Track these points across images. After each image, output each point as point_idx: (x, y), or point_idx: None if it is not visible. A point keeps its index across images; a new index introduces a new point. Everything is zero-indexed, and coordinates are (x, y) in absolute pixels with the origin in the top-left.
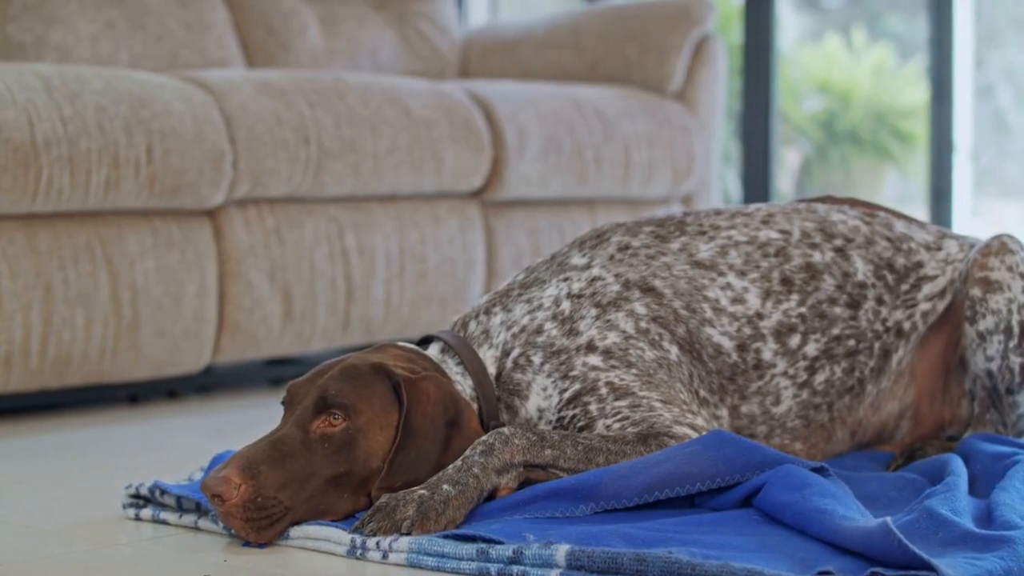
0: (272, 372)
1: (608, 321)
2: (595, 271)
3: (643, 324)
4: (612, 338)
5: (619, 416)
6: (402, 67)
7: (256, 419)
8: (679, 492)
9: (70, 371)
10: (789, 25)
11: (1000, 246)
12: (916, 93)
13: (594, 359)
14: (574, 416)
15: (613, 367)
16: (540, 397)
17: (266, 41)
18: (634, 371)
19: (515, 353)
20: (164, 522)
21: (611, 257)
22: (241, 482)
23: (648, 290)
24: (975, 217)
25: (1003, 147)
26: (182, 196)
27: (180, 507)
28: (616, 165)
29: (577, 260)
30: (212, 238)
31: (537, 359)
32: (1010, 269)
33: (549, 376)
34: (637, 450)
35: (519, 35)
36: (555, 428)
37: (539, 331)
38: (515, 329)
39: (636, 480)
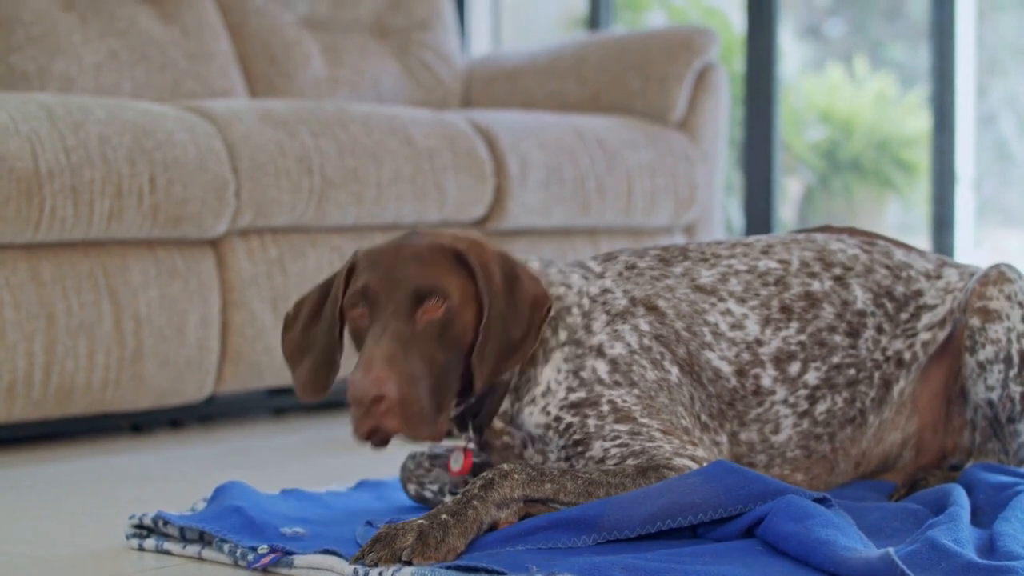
0: (275, 402)
1: (616, 331)
2: (607, 283)
3: (646, 341)
4: (619, 349)
5: (618, 441)
6: (405, 97)
7: (259, 449)
8: (681, 523)
9: (73, 401)
10: (791, 54)
11: (998, 275)
12: (918, 122)
13: (602, 367)
14: (571, 425)
15: (617, 383)
16: (553, 372)
17: (269, 71)
18: (636, 392)
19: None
20: (168, 552)
21: (620, 273)
22: (393, 377)
23: (652, 308)
24: (978, 246)
25: (1005, 176)
26: (185, 226)
27: (183, 537)
28: (618, 195)
29: (593, 266)
30: (215, 268)
31: (563, 333)
32: (1009, 298)
33: (566, 360)
34: (637, 483)
35: (522, 64)
36: (553, 425)
37: (570, 311)
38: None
39: (638, 511)
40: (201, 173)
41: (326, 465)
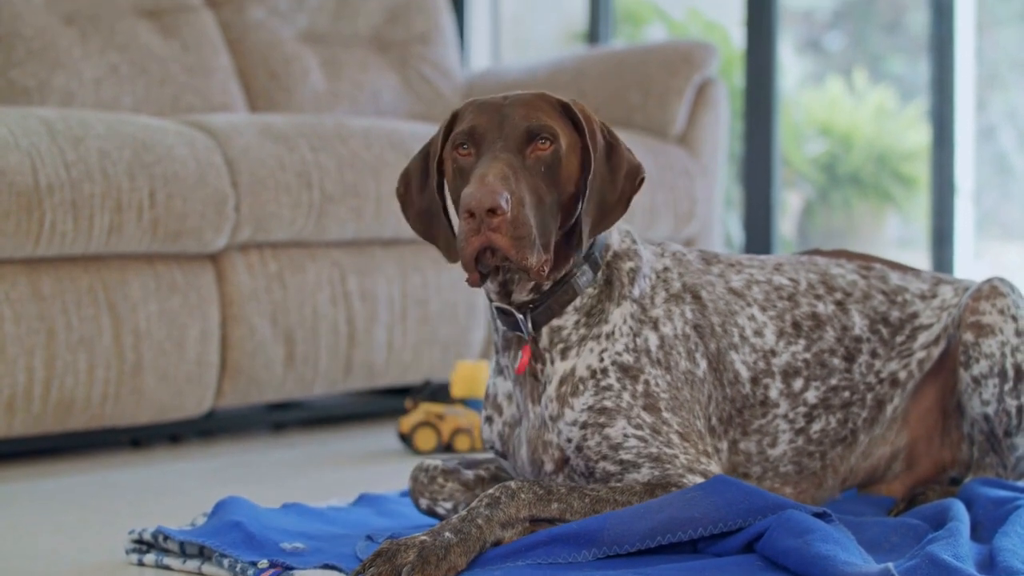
0: (274, 416)
1: (670, 310)
2: (667, 262)
3: (687, 329)
4: (668, 329)
5: (640, 432)
6: (404, 110)
7: (259, 463)
8: (681, 537)
9: (72, 415)
10: (790, 68)
11: (991, 290)
12: (917, 135)
13: (653, 340)
14: (610, 387)
15: (658, 362)
16: (620, 318)
17: (268, 85)
18: (668, 378)
19: (645, 270)
20: (167, 567)
21: (674, 255)
22: (506, 193)
23: (696, 297)
24: (977, 260)
25: (1005, 189)
26: (185, 240)
27: (183, 552)
28: None
29: (653, 247)
30: (215, 282)
31: (636, 290)
32: (1001, 312)
33: (632, 316)
34: (644, 501)
35: (521, 79)
36: (599, 375)
37: (644, 277)
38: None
39: (638, 525)
40: (201, 187)
41: (326, 479)
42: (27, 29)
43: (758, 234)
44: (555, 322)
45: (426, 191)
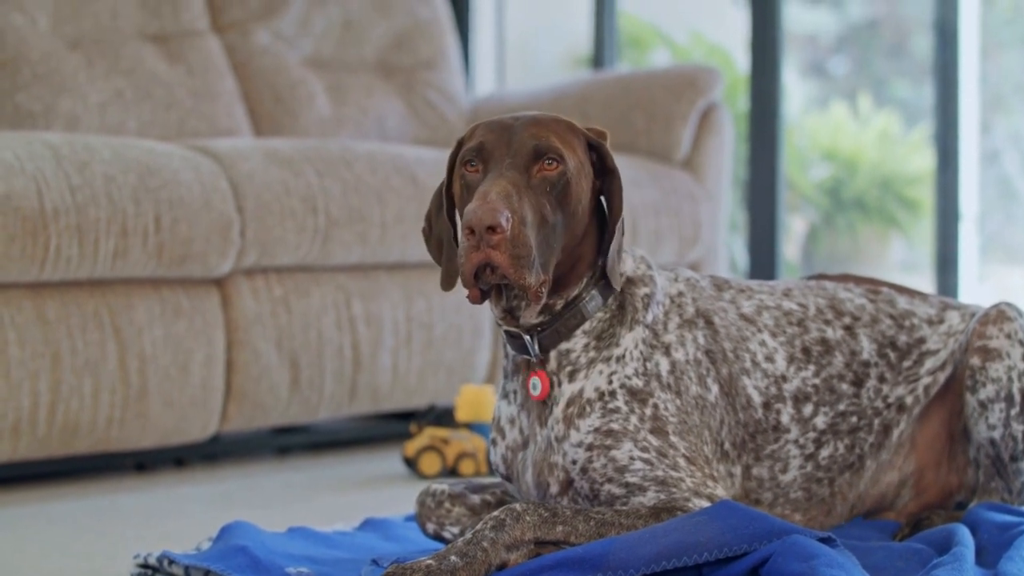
0: (279, 441)
1: (682, 336)
2: (681, 287)
3: (699, 354)
4: (680, 354)
5: (646, 455)
6: (409, 135)
7: (264, 488)
8: (687, 562)
9: (77, 439)
10: (795, 92)
11: (998, 314)
12: (922, 160)
13: (664, 365)
14: (618, 409)
15: (668, 387)
16: (631, 342)
17: (274, 110)
18: (678, 403)
19: (658, 297)
20: None
21: (688, 280)
22: (507, 212)
23: (709, 323)
24: (982, 283)
25: (1010, 213)
26: (190, 265)
27: None
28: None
29: (667, 272)
30: (220, 307)
31: (650, 315)
32: (1009, 337)
33: (644, 341)
34: (649, 524)
35: (525, 103)
36: (607, 397)
37: (657, 303)
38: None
39: (644, 549)
40: (206, 212)
41: (331, 504)
42: (33, 53)
43: (763, 258)
44: (564, 345)
45: (439, 220)
